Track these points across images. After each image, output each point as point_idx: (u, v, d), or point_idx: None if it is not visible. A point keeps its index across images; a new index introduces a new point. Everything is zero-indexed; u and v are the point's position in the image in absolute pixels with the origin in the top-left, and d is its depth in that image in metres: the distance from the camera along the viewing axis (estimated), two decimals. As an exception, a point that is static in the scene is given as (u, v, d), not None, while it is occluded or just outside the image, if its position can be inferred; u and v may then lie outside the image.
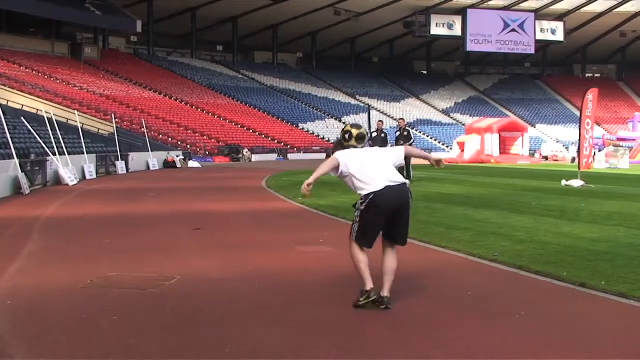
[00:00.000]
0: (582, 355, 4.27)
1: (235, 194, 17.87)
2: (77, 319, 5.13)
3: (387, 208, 5.30)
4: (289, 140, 56.31)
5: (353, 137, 5.60)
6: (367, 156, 5.55)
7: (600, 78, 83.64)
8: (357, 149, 5.60)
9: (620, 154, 36.71)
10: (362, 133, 5.64)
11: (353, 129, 5.66)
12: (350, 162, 5.44)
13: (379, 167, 5.43)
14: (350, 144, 5.61)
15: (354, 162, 5.43)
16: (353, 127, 5.71)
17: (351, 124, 5.91)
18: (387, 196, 5.28)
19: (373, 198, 5.27)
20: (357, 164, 5.42)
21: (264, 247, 8.67)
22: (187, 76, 64.34)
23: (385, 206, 5.29)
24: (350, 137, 5.61)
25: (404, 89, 77.81)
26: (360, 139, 5.62)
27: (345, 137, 5.64)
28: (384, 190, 5.28)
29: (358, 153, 5.55)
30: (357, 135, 5.61)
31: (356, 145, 5.60)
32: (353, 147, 5.61)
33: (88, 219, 12.14)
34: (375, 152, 5.76)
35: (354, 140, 5.60)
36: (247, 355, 4.26)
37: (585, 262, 7.11)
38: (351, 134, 5.62)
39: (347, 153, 5.53)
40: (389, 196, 5.29)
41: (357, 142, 5.61)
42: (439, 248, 8.32)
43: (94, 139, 32.37)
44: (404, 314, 4.96)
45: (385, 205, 5.28)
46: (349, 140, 5.62)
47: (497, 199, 15.00)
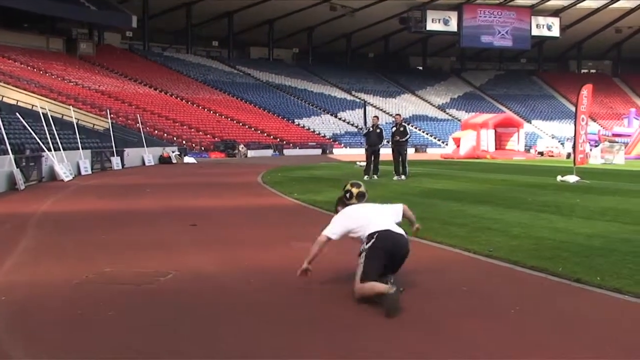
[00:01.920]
0: (577, 350, 4.28)
1: (231, 190, 17.85)
2: (72, 315, 5.12)
3: (389, 248, 5.49)
4: (284, 135, 56.30)
5: (354, 196, 5.96)
6: (369, 207, 5.86)
7: (596, 74, 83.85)
8: (358, 204, 5.90)
9: (616, 150, 36.75)
10: (362, 191, 6.00)
11: (353, 187, 6.05)
12: (353, 214, 5.76)
13: (381, 215, 5.71)
14: (351, 202, 5.93)
15: (356, 213, 5.76)
16: (353, 186, 6.08)
17: (351, 182, 6.21)
18: (391, 236, 5.54)
19: (377, 236, 5.49)
20: (360, 213, 5.73)
21: (260, 243, 8.67)
22: (182, 72, 64.26)
23: (388, 246, 5.48)
24: (351, 196, 5.98)
25: (400, 85, 77.84)
26: (361, 197, 5.97)
27: (347, 196, 5.99)
28: (386, 230, 5.53)
29: (360, 206, 5.86)
30: (357, 193, 5.98)
31: (357, 203, 5.92)
32: (354, 204, 5.91)
33: (83, 215, 12.12)
34: (376, 205, 5.97)
35: (354, 198, 5.95)
36: (243, 351, 4.26)
37: (580, 257, 7.13)
38: (352, 193, 5.99)
39: (347, 210, 5.85)
40: (392, 237, 5.55)
41: (358, 200, 5.94)
42: (434, 243, 8.33)
43: (89, 134, 32.32)
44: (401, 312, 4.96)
45: (388, 244, 5.49)
46: (350, 199, 5.97)
47: (493, 194, 15.01)
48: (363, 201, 6.03)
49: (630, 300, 5.46)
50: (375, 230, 5.55)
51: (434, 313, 4.99)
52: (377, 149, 20.70)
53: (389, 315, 4.85)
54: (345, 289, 5.84)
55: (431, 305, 5.07)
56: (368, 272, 5.35)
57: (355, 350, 4.30)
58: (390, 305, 4.90)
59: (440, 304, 5.02)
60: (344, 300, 5.55)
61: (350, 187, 6.07)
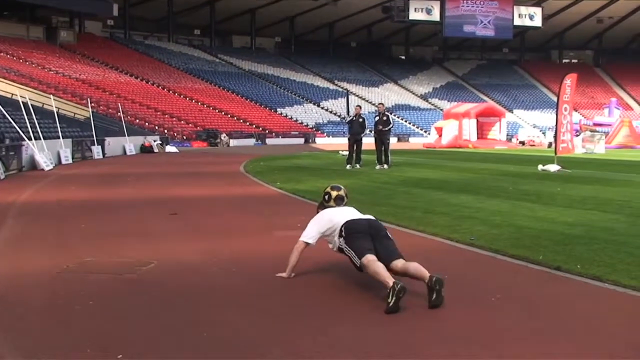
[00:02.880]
0: (556, 336, 4.31)
1: (213, 179, 17.80)
2: (52, 304, 5.09)
3: (364, 229, 5.52)
4: (267, 125, 56.16)
5: (332, 198, 6.05)
6: (346, 211, 5.88)
7: (577, 64, 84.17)
8: (336, 208, 5.97)
9: (597, 139, 37.02)
10: (340, 195, 6.07)
11: (332, 190, 6.10)
12: (327, 216, 5.82)
13: (355, 216, 5.76)
14: (330, 204, 6.01)
15: (331, 215, 5.80)
16: (333, 189, 6.13)
17: (331, 185, 6.28)
18: (361, 221, 5.64)
19: (346, 226, 5.56)
20: (336, 216, 5.76)
21: (242, 232, 8.66)
22: (164, 60, 63.85)
23: (360, 227, 5.53)
24: (329, 198, 6.06)
25: (383, 74, 77.83)
26: (339, 200, 6.04)
27: (325, 198, 6.08)
28: (353, 219, 5.64)
29: (337, 210, 5.91)
30: (335, 196, 6.06)
31: (335, 206, 5.99)
32: (332, 207, 5.98)
33: (64, 204, 12.03)
34: (353, 210, 5.98)
35: (333, 201, 6.02)
36: (224, 339, 4.26)
37: (561, 245, 7.18)
38: (330, 195, 6.08)
39: (323, 212, 5.95)
40: (363, 221, 5.65)
41: (336, 203, 6.02)
42: (416, 232, 8.36)
43: (69, 123, 32.04)
44: (380, 299, 4.97)
45: (360, 226, 5.54)
46: (329, 202, 6.05)
47: (474, 183, 15.08)
48: (342, 205, 6.05)
49: (610, 288, 5.50)
50: (343, 224, 5.59)
51: (416, 301, 5.00)
52: (359, 138, 20.72)
53: (390, 312, 4.80)
54: (329, 278, 5.85)
55: (413, 293, 5.08)
56: (360, 250, 5.31)
57: (339, 338, 4.30)
58: (394, 296, 4.80)
59: (422, 292, 5.03)
60: (328, 289, 5.56)
61: (329, 189, 6.14)
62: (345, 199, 6.14)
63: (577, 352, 4.02)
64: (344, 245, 5.50)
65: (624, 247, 7.07)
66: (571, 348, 4.09)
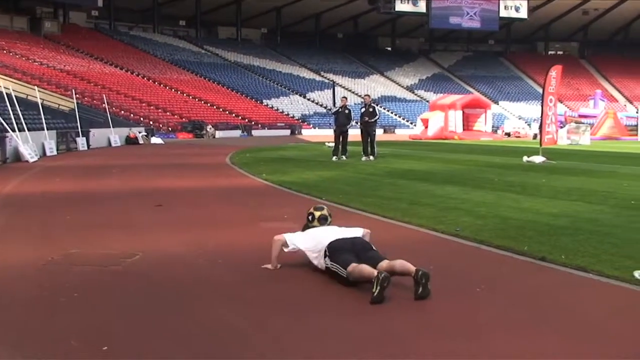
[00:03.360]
0: (541, 327, 4.33)
1: (199, 171, 17.75)
2: (37, 296, 5.06)
3: (347, 246, 5.55)
4: (253, 116, 56.06)
5: (315, 218, 6.10)
6: (330, 230, 5.90)
7: (563, 55, 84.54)
8: (320, 227, 6.02)
9: (582, 131, 37.23)
10: (324, 215, 6.14)
11: (316, 211, 6.17)
12: (313, 235, 5.86)
13: (339, 235, 5.77)
14: (314, 224, 6.07)
15: (317, 234, 5.84)
16: (316, 209, 6.21)
17: (314, 207, 6.35)
18: (345, 239, 5.66)
19: (330, 245, 5.58)
20: (320, 236, 5.77)
21: (227, 224, 8.64)
22: (149, 51, 63.56)
23: (345, 246, 5.56)
24: (313, 218, 6.13)
25: (369, 66, 77.83)
26: (323, 220, 6.10)
27: (309, 218, 6.14)
28: (337, 239, 5.65)
29: (321, 229, 5.95)
30: (319, 216, 6.14)
31: (319, 226, 6.05)
32: (316, 227, 6.04)
33: (48, 196, 11.96)
34: (337, 228, 6.01)
35: (317, 221, 6.09)
36: (210, 331, 4.25)
37: (546, 236, 7.22)
38: (314, 216, 6.12)
39: (309, 230, 6.00)
40: (347, 239, 5.68)
41: (320, 222, 6.07)
42: (402, 223, 8.37)
43: (54, 115, 31.84)
44: (365, 289, 4.98)
45: (344, 245, 5.57)
46: (312, 222, 6.10)
47: (460, 175, 15.12)
48: (326, 224, 6.10)
49: (595, 279, 5.54)
50: (328, 243, 5.61)
51: (402, 293, 5.01)
52: (345, 129, 20.71)
53: (374, 302, 4.80)
54: (316, 269, 5.83)
55: (398, 284, 5.09)
56: (343, 263, 5.32)
57: (325, 329, 4.31)
58: (378, 285, 4.81)
59: (408, 282, 5.04)
60: (313, 280, 5.56)
61: (313, 210, 6.22)
62: (329, 218, 6.18)
63: (561, 341, 4.04)
64: (330, 263, 5.51)
65: (608, 237, 7.11)
66: (555, 338, 4.11)
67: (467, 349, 3.95)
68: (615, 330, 4.29)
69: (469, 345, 4.00)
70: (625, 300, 5.00)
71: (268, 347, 3.98)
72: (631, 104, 72.22)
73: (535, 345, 4.00)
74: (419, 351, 3.92)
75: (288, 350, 3.92)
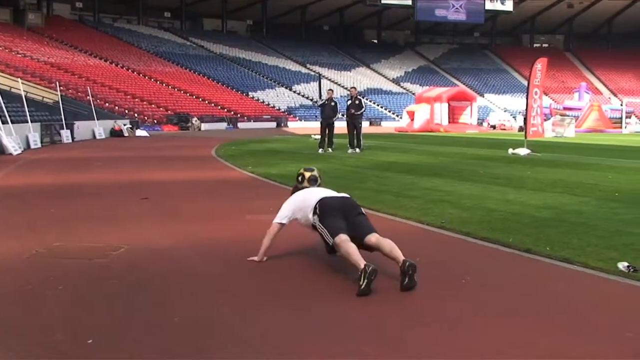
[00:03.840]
0: (526, 318, 4.35)
1: (184, 163, 17.69)
2: (21, 290, 5.03)
3: (337, 206, 5.56)
4: (238, 108, 55.91)
5: (305, 179, 6.11)
6: (319, 191, 5.90)
7: (548, 48, 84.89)
8: (309, 188, 6.02)
9: (567, 123, 37.42)
10: (314, 175, 6.16)
11: (306, 172, 6.18)
12: (302, 196, 5.87)
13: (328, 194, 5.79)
14: (304, 185, 6.08)
15: (305, 194, 5.85)
16: (306, 170, 6.22)
17: (304, 167, 6.34)
18: (335, 199, 5.69)
19: (320, 203, 5.57)
20: (309, 195, 5.79)
21: (213, 216, 8.62)
22: (133, 43, 63.21)
23: (335, 204, 5.56)
24: (302, 179, 6.14)
25: (355, 58, 77.78)
26: (313, 181, 6.11)
27: (299, 179, 6.15)
28: (327, 197, 5.67)
29: (310, 190, 5.96)
30: (309, 177, 6.14)
31: (308, 186, 6.05)
32: (306, 187, 6.05)
33: (33, 189, 11.88)
34: (327, 190, 6.01)
35: (306, 182, 6.09)
36: (196, 323, 4.24)
37: (531, 228, 7.25)
38: (304, 177, 6.14)
39: (297, 193, 6.01)
40: (336, 198, 5.71)
41: (310, 183, 6.08)
42: (388, 216, 8.38)
43: (38, 107, 31.62)
44: (351, 281, 4.98)
45: (334, 204, 5.58)
46: (302, 183, 6.12)
47: (445, 167, 15.16)
48: (316, 185, 6.09)
49: (579, 270, 5.57)
50: (316, 201, 5.60)
51: (388, 283, 5.02)
52: (331, 122, 20.73)
53: (361, 294, 4.80)
54: (301, 261, 5.84)
55: (385, 275, 5.10)
56: (332, 229, 5.30)
57: (311, 320, 4.31)
58: (365, 278, 4.80)
59: (394, 273, 5.05)
60: (300, 272, 5.56)
61: (303, 171, 6.21)
62: (319, 179, 6.18)
63: (546, 331, 4.06)
64: (318, 223, 5.49)
65: (592, 229, 7.15)
66: (540, 328, 4.13)
67: (453, 338, 3.96)
68: (599, 321, 4.32)
69: (454, 335, 4.02)
70: (609, 292, 5.03)
71: (254, 339, 3.97)
72: (615, 96, 72.67)
73: (520, 335, 4.02)
74: (405, 340, 3.93)
75: (274, 341, 3.92)
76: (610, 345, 3.89)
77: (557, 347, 3.82)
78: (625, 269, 5.42)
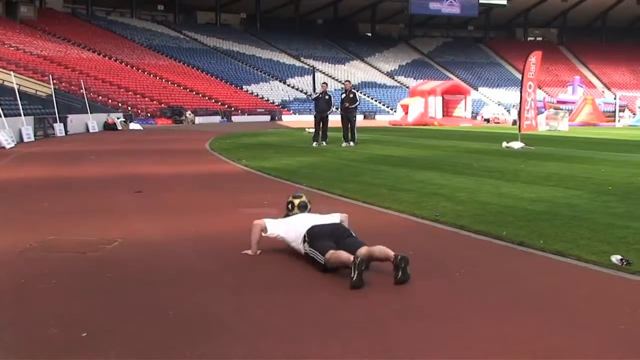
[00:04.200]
0: (520, 310, 4.36)
1: (178, 157, 17.66)
2: (15, 283, 5.02)
3: (327, 232, 5.59)
4: (232, 102, 55.79)
5: (295, 206, 6.14)
6: (309, 217, 5.92)
7: (542, 42, 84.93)
8: (300, 214, 6.04)
9: (560, 117, 37.45)
10: (303, 202, 6.18)
11: (295, 199, 6.21)
12: (293, 222, 5.88)
13: (318, 221, 5.81)
14: (294, 212, 6.13)
15: (296, 221, 5.87)
16: (295, 197, 6.25)
17: (293, 195, 6.37)
18: (322, 227, 5.70)
19: (311, 230, 5.62)
20: (300, 222, 5.80)
21: (207, 210, 8.62)
22: (127, 36, 62.97)
23: (325, 231, 5.60)
24: (292, 207, 6.15)
25: (349, 51, 77.69)
26: (302, 207, 6.14)
27: (289, 207, 6.17)
28: (317, 224, 5.70)
29: (301, 216, 5.97)
30: (298, 204, 6.15)
31: (299, 213, 6.07)
32: (297, 214, 6.06)
33: (26, 183, 11.85)
34: (317, 215, 6.03)
35: (296, 209, 6.12)
36: (190, 317, 4.24)
37: (524, 221, 7.27)
38: (293, 204, 6.17)
39: (289, 218, 6.03)
40: (326, 225, 5.73)
41: (300, 210, 6.11)
42: (382, 209, 8.38)
43: (31, 100, 31.50)
44: (345, 275, 4.98)
45: (324, 230, 5.62)
46: (292, 210, 6.14)
47: (439, 160, 15.17)
48: (305, 211, 6.12)
49: (572, 263, 5.59)
50: (306, 230, 5.64)
51: (381, 276, 5.03)
52: (325, 115, 20.70)
53: (354, 287, 4.81)
54: (294, 255, 5.83)
55: (379, 270, 5.11)
56: (322, 249, 5.32)
57: (306, 315, 4.31)
58: (356, 269, 4.81)
59: (388, 267, 5.06)
60: (294, 266, 5.56)
61: (292, 198, 6.24)
62: (309, 205, 6.21)
63: (539, 324, 4.08)
64: (309, 249, 5.53)
65: (585, 222, 7.18)
66: (534, 321, 4.15)
67: (446, 331, 3.97)
68: (592, 314, 4.33)
69: (448, 328, 4.03)
70: (602, 284, 5.05)
71: (247, 332, 3.97)
72: (609, 90, 72.80)
73: (514, 328, 4.03)
74: (399, 334, 3.94)
75: (268, 335, 3.92)
76: (603, 337, 3.91)
77: (551, 339, 3.83)
78: (618, 262, 5.44)
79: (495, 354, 3.65)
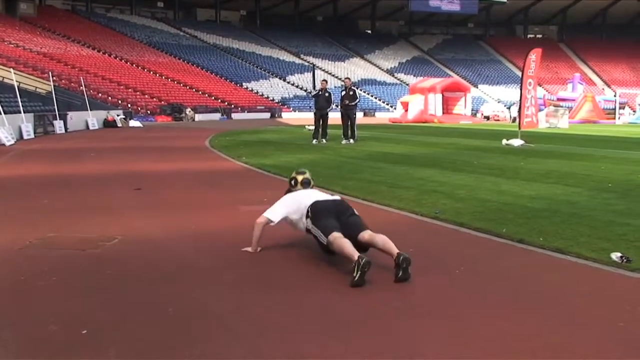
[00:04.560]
0: (520, 307, 4.36)
1: (178, 154, 17.66)
2: (14, 281, 5.01)
3: (330, 208, 5.58)
4: (232, 99, 55.78)
5: (298, 182, 6.13)
6: (312, 193, 5.92)
7: (542, 39, 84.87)
8: (302, 190, 6.04)
9: (560, 114, 37.46)
10: (306, 178, 6.18)
11: (298, 175, 6.20)
12: (295, 198, 5.89)
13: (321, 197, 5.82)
14: (297, 188, 6.08)
15: (298, 197, 5.87)
16: (298, 173, 6.23)
17: (296, 171, 6.34)
18: (327, 201, 5.71)
19: (313, 205, 5.60)
20: (302, 198, 5.81)
21: (207, 207, 8.61)
22: (126, 33, 62.94)
23: (327, 207, 5.58)
24: (295, 183, 6.14)
25: (349, 49, 77.65)
26: (306, 184, 6.13)
27: (291, 183, 6.16)
28: (319, 199, 5.70)
29: (303, 192, 5.97)
30: (301, 180, 6.14)
31: (302, 189, 6.07)
32: (299, 190, 6.06)
33: (25, 180, 11.85)
34: (320, 192, 6.05)
35: (299, 185, 6.11)
36: (190, 314, 4.24)
37: (524, 219, 7.26)
38: (296, 180, 6.15)
39: (290, 194, 6.02)
40: (329, 201, 5.74)
41: (303, 186, 6.09)
42: (382, 206, 8.38)
43: (31, 97, 31.48)
44: (345, 272, 4.99)
45: (326, 206, 5.60)
46: (295, 186, 6.12)
47: (439, 157, 15.17)
48: (308, 188, 6.11)
49: (572, 260, 5.58)
50: (309, 205, 5.62)
51: (382, 274, 5.03)
52: (325, 112, 20.70)
53: (355, 285, 4.80)
54: (295, 252, 5.84)
55: (379, 267, 5.11)
56: (326, 228, 5.31)
57: (306, 312, 4.31)
58: (359, 270, 4.80)
59: (388, 264, 5.06)
60: (294, 263, 5.56)
61: (295, 174, 6.23)
62: (312, 182, 6.21)
63: (539, 321, 4.08)
64: (311, 226, 5.51)
65: (585, 220, 7.17)
66: (534, 318, 4.15)
67: (447, 328, 3.97)
68: (592, 311, 4.33)
69: (448, 325, 4.03)
70: (602, 282, 5.05)
71: (247, 330, 3.97)
72: (609, 87, 72.82)
73: (513, 325, 4.03)
74: (399, 331, 3.93)
75: (268, 333, 3.92)
76: (603, 334, 3.91)
77: (550, 337, 3.83)
78: (618, 259, 5.44)
79: (495, 351, 3.64)
